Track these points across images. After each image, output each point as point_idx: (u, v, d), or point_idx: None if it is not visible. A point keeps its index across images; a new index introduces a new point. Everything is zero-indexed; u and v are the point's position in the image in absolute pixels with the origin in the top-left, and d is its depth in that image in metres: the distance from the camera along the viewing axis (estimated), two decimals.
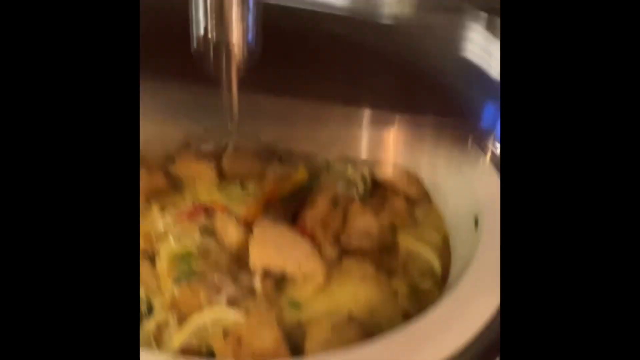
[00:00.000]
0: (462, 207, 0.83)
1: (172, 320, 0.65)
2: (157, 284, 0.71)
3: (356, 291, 0.74)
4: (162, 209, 0.87)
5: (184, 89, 1.11)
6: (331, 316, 0.69)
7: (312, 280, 0.74)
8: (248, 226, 0.81)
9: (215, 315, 0.63)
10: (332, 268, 0.77)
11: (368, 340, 0.61)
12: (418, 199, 0.93)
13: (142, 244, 0.77)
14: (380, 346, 0.57)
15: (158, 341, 0.62)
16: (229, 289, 0.68)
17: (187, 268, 0.70)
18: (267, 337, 0.61)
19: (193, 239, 0.77)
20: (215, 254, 0.75)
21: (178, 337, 0.61)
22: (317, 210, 0.82)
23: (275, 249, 0.76)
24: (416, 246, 0.81)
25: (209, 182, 0.97)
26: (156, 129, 1.05)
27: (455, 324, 0.59)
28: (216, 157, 1.00)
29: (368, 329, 0.67)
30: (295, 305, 0.72)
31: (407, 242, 0.82)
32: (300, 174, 0.88)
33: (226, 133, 1.06)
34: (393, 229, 0.86)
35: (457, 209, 0.85)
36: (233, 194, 0.95)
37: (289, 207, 0.85)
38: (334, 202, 0.83)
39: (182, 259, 0.71)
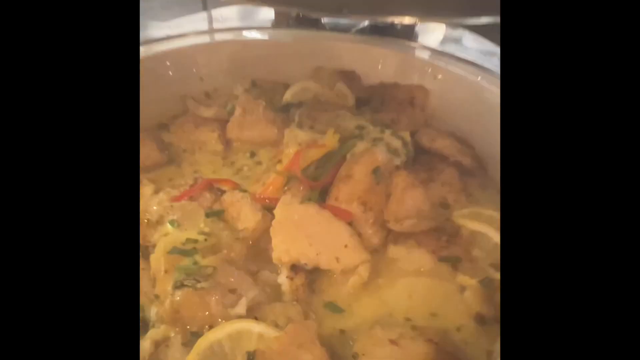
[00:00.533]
0: None
1: (175, 338, 0.47)
2: (152, 287, 0.53)
3: (411, 288, 0.58)
4: (156, 187, 0.69)
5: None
6: (384, 324, 0.53)
7: (355, 277, 0.57)
8: (267, 207, 0.64)
9: (235, 331, 0.46)
10: (377, 258, 0.60)
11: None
12: (472, 170, 0.75)
13: None
14: None
15: None
16: (249, 293, 0.51)
17: (191, 265, 0.52)
18: None
19: (197, 224, 0.59)
20: (227, 245, 0.57)
21: None
22: (354, 185, 0.64)
23: (304, 237, 0.59)
24: (480, 227, 0.64)
25: (212, 153, 0.80)
26: (147, 91, 0.87)
27: None
28: (220, 124, 0.82)
29: (435, 339, 0.50)
30: (336, 309, 0.55)
31: (468, 221, 0.65)
32: (329, 139, 0.69)
33: (231, 96, 0.89)
34: (446, 208, 0.68)
35: None
36: (242, 166, 0.77)
37: (317, 182, 0.67)
38: (375, 174, 0.65)
39: (185, 252, 0.54)
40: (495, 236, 0.63)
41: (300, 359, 0.44)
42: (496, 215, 0.67)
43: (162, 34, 0.94)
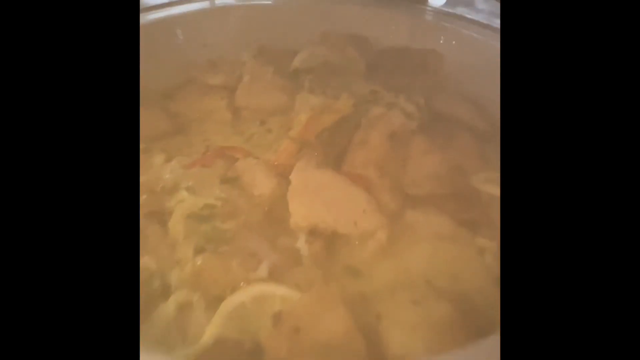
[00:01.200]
0: None
1: (197, 302, 0.47)
2: (171, 254, 0.52)
3: (430, 252, 0.57)
4: (167, 155, 0.68)
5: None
6: (405, 287, 0.52)
7: (373, 241, 0.57)
8: (281, 173, 0.63)
9: (258, 294, 0.46)
10: (396, 223, 0.59)
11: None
12: (487, 134, 0.74)
13: (147, 203, 0.58)
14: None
15: (182, 331, 0.45)
16: (269, 257, 0.50)
17: (210, 230, 0.52)
18: (333, 322, 0.44)
19: (212, 191, 0.58)
20: (244, 211, 0.56)
21: (211, 328, 0.43)
22: (370, 149, 0.63)
23: (322, 202, 0.58)
24: (498, 190, 0.63)
25: (221, 121, 0.78)
26: (150, 59, 0.85)
27: None
28: (228, 91, 0.80)
29: (459, 304, 0.50)
30: (355, 273, 0.55)
31: (485, 185, 0.64)
32: (343, 104, 0.68)
33: (238, 63, 0.87)
34: (463, 172, 0.68)
35: None
36: (252, 135, 0.76)
37: (332, 147, 0.66)
38: (391, 139, 0.64)
39: (203, 217, 0.53)
40: None
41: (325, 320, 0.44)
42: None
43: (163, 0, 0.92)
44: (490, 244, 0.58)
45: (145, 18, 0.87)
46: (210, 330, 0.44)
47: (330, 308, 0.45)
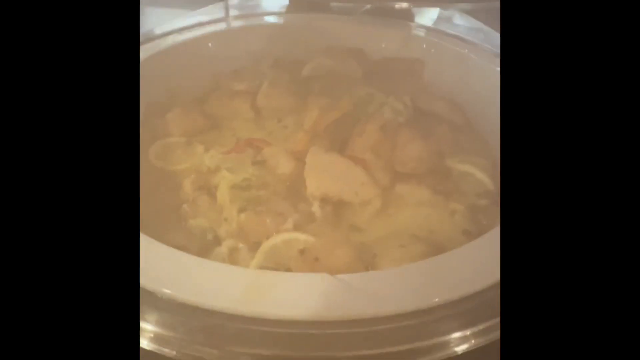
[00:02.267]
0: None
1: (242, 248, 0.65)
2: (219, 215, 0.70)
3: (414, 213, 0.75)
4: (205, 146, 0.86)
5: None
6: (394, 237, 0.70)
7: (370, 206, 0.74)
8: (297, 157, 0.80)
9: (287, 238, 0.64)
10: (388, 194, 0.77)
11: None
12: (461, 126, 0.92)
13: (196, 180, 0.76)
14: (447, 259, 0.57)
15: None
16: (293, 215, 0.68)
17: (249, 195, 0.70)
18: (342, 255, 0.62)
19: (247, 170, 0.76)
20: (272, 184, 0.74)
21: (255, 260, 0.61)
22: (367, 138, 0.81)
23: (330, 178, 0.75)
24: (467, 168, 0.81)
25: (246, 119, 0.96)
26: (185, 71, 1.03)
27: None
28: (250, 95, 0.98)
29: (433, 246, 0.67)
30: (357, 229, 0.73)
31: (458, 164, 0.82)
32: (345, 104, 0.86)
33: (258, 73, 1.04)
34: (441, 155, 0.85)
35: None
36: (272, 130, 0.93)
37: (336, 137, 0.83)
38: (383, 130, 0.82)
39: (243, 188, 0.71)
40: (478, 174, 0.80)
41: (336, 253, 0.61)
42: (480, 160, 0.84)
43: (194, 21, 1.10)
44: (459, 207, 0.75)
45: (181, 36, 1.05)
46: (254, 262, 0.61)
47: (339, 246, 0.63)
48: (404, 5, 1.05)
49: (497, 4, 0.44)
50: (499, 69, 0.91)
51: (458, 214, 0.74)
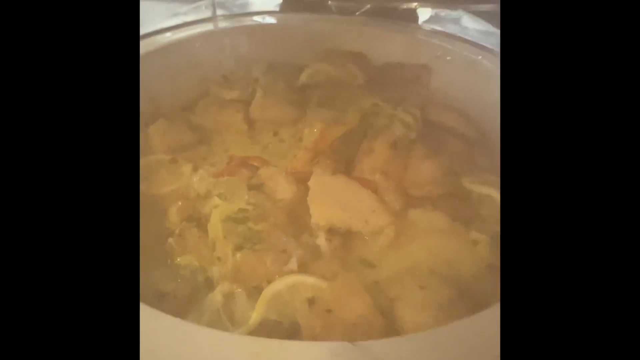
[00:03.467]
0: None
1: (239, 293, 0.56)
2: (211, 253, 0.61)
3: (431, 244, 0.67)
4: (194, 165, 0.77)
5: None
6: (411, 274, 0.62)
7: (382, 236, 0.66)
8: (299, 179, 0.71)
9: (292, 283, 0.55)
10: (400, 221, 0.69)
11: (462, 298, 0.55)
12: (475, 140, 0.84)
13: (185, 209, 0.66)
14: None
15: (230, 316, 0.54)
16: (297, 252, 0.59)
17: (245, 230, 0.60)
18: (357, 303, 0.53)
19: (242, 196, 0.66)
20: (271, 213, 0.65)
21: (256, 313, 0.52)
22: (376, 157, 0.72)
23: (337, 204, 0.67)
24: (486, 190, 0.73)
25: (238, 132, 0.86)
26: (170, 77, 0.93)
27: None
28: (243, 105, 0.88)
29: (458, 289, 0.59)
30: (369, 264, 0.64)
31: (475, 186, 0.74)
32: (351, 118, 0.77)
33: (251, 79, 0.95)
34: (456, 175, 0.77)
35: None
36: (267, 144, 0.84)
37: (341, 156, 0.75)
38: (394, 147, 0.73)
39: (238, 220, 0.61)
40: (499, 197, 0.73)
41: (352, 302, 0.53)
42: (497, 179, 0.76)
43: (179, 21, 0.99)
44: (482, 237, 0.67)
45: (159, 41, 0.94)
46: (256, 314, 0.52)
47: (354, 293, 0.54)
48: (409, 5, 0.96)
49: None
50: None
51: (480, 245, 0.67)
